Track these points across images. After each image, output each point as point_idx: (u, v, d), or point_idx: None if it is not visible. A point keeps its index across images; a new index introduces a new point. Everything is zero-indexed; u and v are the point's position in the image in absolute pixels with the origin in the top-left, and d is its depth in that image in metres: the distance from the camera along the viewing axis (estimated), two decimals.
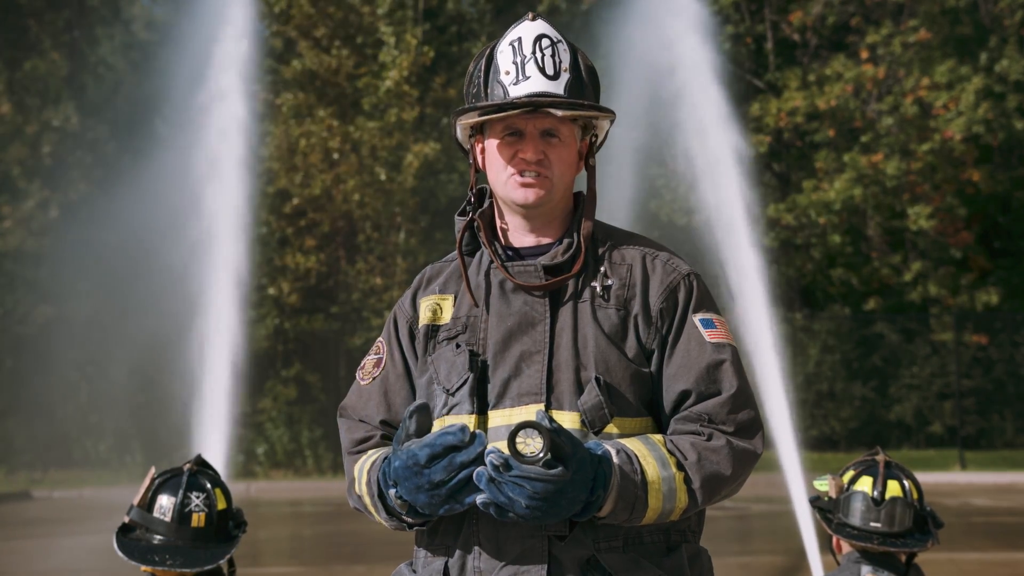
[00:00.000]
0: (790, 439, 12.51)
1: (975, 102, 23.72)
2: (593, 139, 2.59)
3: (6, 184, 24.59)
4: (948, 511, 14.67)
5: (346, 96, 23.84)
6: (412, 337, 2.59)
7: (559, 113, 2.43)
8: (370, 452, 2.53)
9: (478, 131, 2.56)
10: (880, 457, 3.88)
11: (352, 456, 2.58)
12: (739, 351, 2.54)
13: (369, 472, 2.46)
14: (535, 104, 2.42)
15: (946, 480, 19.15)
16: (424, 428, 2.34)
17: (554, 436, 2.19)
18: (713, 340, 2.47)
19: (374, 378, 2.62)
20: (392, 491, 2.35)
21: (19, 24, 27.20)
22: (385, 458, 2.41)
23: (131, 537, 3.56)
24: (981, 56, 25.25)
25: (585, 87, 2.50)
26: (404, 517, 2.40)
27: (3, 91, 25.03)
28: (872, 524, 3.75)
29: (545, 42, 2.48)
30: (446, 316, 2.56)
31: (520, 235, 2.56)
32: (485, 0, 27.76)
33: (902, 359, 25.10)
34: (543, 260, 2.49)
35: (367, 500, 2.48)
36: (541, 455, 2.18)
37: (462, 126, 2.56)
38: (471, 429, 2.32)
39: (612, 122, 2.55)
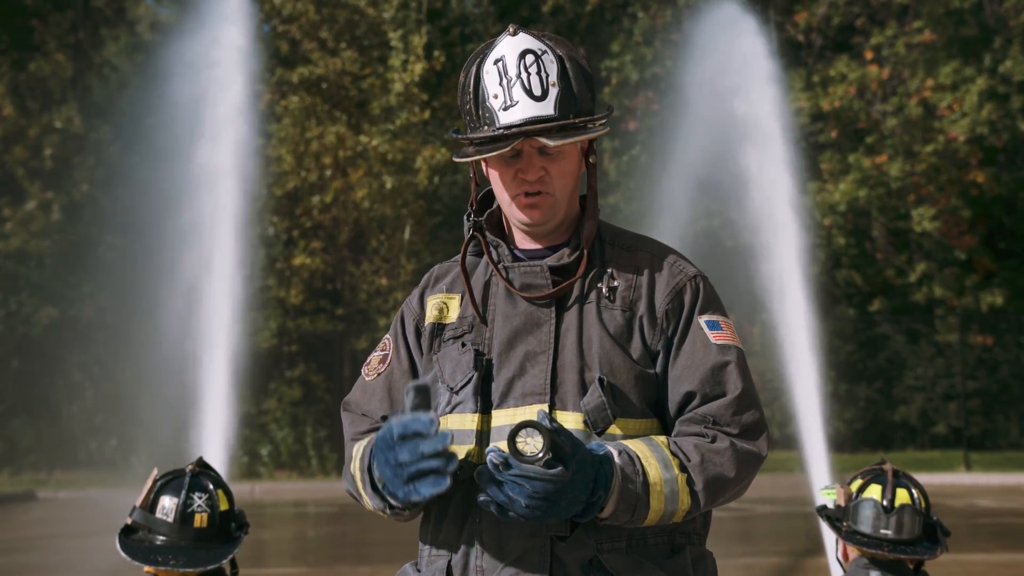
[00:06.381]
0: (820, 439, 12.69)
1: (979, 103, 23.71)
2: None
3: (9, 186, 24.64)
4: (953, 512, 14.65)
5: (351, 98, 23.86)
6: (419, 335, 2.60)
7: (551, 144, 2.39)
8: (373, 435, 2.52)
9: None
10: (887, 466, 3.90)
11: (353, 442, 2.58)
12: (746, 353, 2.53)
13: (365, 448, 2.47)
14: (525, 133, 2.39)
15: (951, 481, 19.13)
16: (422, 407, 2.31)
17: (554, 436, 2.19)
18: (718, 342, 2.47)
19: (379, 374, 2.62)
20: (375, 463, 2.37)
21: (24, 25, 27.25)
22: None
23: (134, 538, 3.57)
24: (985, 57, 25.24)
25: (576, 97, 2.44)
26: (385, 497, 2.38)
27: (5, 93, 25.07)
28: (882, 531, 3.76)
29: (529, 58, 2.42)
30: (452, 315, 2.56)
31: (528, 240, 2.56)
32: (489, 1, 27.77)
33: (907, 360, 25.12)
34: (549, 261, 2.50)
35: (358, 476, 2.47)
36: (541, 455, 2.17)
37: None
38: (442, 425, 2.35)
39: (611, 115, 2.54)
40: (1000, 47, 25.50)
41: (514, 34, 2.45)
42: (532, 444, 2.18)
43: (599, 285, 2.49)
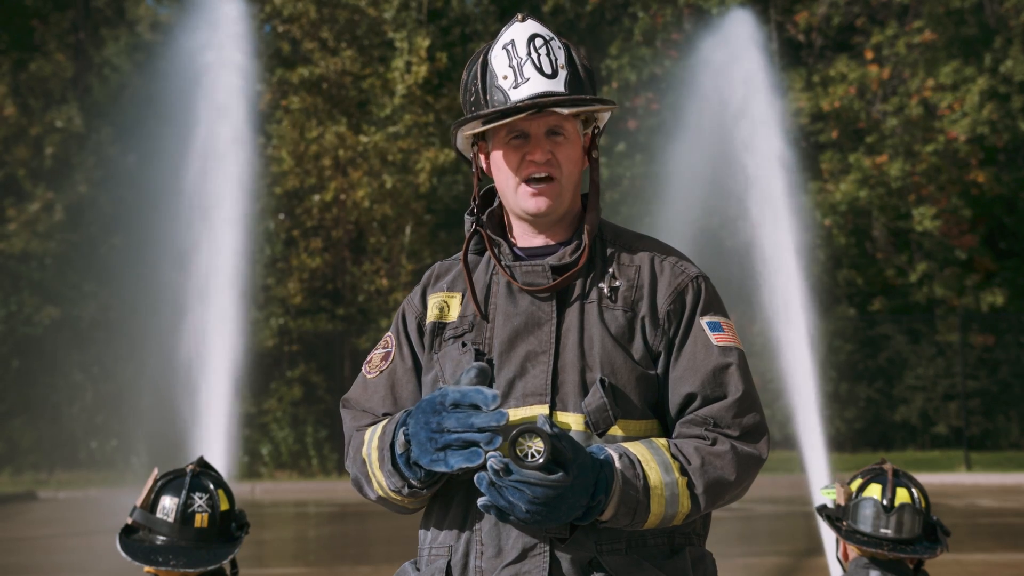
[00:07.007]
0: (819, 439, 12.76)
1: (980, 103, 23.70)
2: (595, 130, 2.59)
3: (11, 186, 24.64)
4: (953, 512, 14.65)
5: (351, 98, 23.86)
6: (420, 332, 2.58)
7: (565, 111, 2.42)
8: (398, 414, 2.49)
9: (480, 138, 2.55)
10: (888, 466, 3.90)
11: (359, 431, 2.55)
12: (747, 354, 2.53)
13: (386, 426, 2.45)
14: (539, 105, 2.40)
15: (951, 481, 19.12)
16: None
17: (555, 441, 2.18)
18: (720, 343, 2.46)
19: (381, 371, 2.60)
20: (403, 428, 2.35)
21: (24, 26, 27.26)
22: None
23: (134, 538, 3.56)
24: (986, 57, 25.23)
25: (583, 82, 2.49)
26: (404, 474, 2.36)
27: (7, 93, 25.07)
28: (882, 530, 3.75)
29: (539, 41, 2.47)
30: (453, 314, 2.55)
31: (529, 237, 2.55)
32: (489, 1, 27.77)
33: (907, 360, 25.10)
34: (551, 260, 2.49)
35: (375, 455, 2.44)
36: (541, 460, 2.17)
37: (463, 135, 2.55)
38: (501, 407, 2.33)
39: (612, 112, 2.55)
40: (1000, 47, 25.49)
41: (523, 20, 2.50)
42: (533, 449, 2.18)
43: (600, 285, 2.48)
